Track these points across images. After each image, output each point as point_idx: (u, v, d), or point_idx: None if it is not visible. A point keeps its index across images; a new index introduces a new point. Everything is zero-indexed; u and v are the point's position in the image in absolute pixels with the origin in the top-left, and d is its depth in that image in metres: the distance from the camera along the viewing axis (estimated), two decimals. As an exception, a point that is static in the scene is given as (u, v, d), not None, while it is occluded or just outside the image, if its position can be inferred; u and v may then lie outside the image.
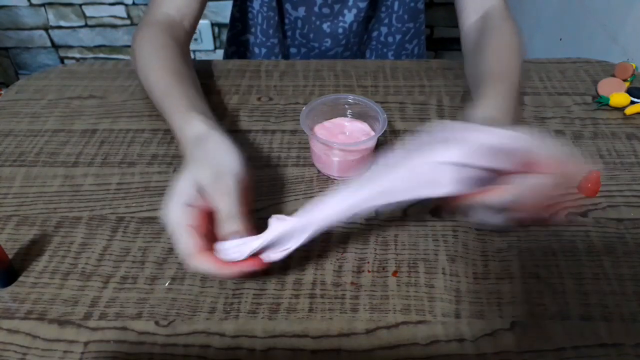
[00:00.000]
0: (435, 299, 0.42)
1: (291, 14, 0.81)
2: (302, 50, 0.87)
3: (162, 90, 0.53)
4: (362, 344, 0.39)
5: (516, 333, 0.40)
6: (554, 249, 0.46)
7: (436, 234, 0.48)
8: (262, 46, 0.85)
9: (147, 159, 0.56)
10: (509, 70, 0.54)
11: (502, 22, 0.61)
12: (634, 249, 0.46)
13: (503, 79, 0.52)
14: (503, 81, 0.52)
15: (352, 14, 0.80)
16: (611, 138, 0.58)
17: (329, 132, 0.54)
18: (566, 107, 0.63)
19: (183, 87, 0.53)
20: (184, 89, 0.52)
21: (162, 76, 0.54)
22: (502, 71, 0.54)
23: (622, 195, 0.51)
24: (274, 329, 0.40)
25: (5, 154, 0.57)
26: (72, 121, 0.62)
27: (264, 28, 0.82)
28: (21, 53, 1.80)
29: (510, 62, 0.56)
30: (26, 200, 0.52)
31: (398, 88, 0.67)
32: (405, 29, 0.84)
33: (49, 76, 0.70)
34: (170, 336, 0.40)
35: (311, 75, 0.69)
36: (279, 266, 0.45)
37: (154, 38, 0.59)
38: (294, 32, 0.84)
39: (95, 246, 0.47)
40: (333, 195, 0.40)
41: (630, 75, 0.64)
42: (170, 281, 0.44)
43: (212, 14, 1.68)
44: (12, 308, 0.42)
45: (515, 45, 0.58)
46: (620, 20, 0.94)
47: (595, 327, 0.40)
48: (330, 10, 0.80)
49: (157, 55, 0.57)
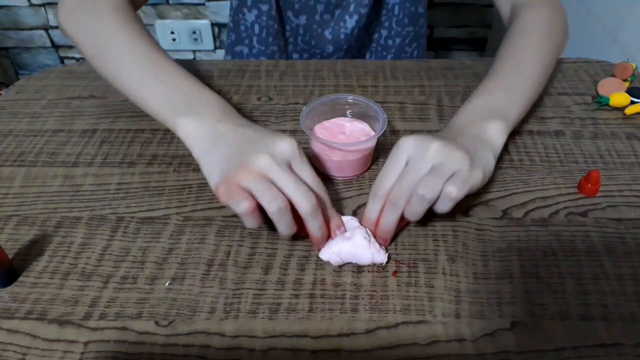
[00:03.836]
0: (435, 299, 0.42)
1: (292, 22, 0.82)
2: (304, 56, 0.87)
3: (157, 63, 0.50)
4: (362, 344, 0.39)
5: (516, 333, 0.40)
6: (554, 249, 0.46)
7: (436, 234, 0.48)
8: (261, 55, 0.85)
9: (147, 159, 0.56)
10: (514, 61, 0.55)
11: (528, 9, 0.61)
12: (634, 249, 0.46)
13: (504, 72, 0.54)
14: (490, 79, 0.54)
15: (354, 19, 0.80)
16: (611, 138, 0.58)
17: (329, 132, 0.54)
18: (566, 107, 0.63)
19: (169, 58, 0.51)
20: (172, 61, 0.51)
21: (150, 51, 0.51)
22: (495, 68, 0.55)
23: (622, 195, 0.51)
24: (274, 329, 0.40)
25: (5, 154, 0.57)
26: (72, 121, 0.62)
27: (262, 37, 0.82)
28: (21, 53, 1.80)
29: (521, 51, 0.56)
30: (26, 200, 0.52)
31: (398, 88, 0.67)
32: (405, 33, 0.84)
33: (49, 76, 0.70)
34: (170, 336, 0.40)
35: (311, 75, 0.69)
36: (279, 266, 0.45)
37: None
38: (295, 39, 0.84)
39: (95, 246, 0.47)
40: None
41: (630, 75, 0.64)
42: (170, 281, 0.44)
43: (212, 14, 1.68)
44: (12, 308, 0.42)
45: (535, 31, 0.58)
46: (620, 20, 0.94)
47: (595, 327, 0.40)
48: (331, 16, 0.80)
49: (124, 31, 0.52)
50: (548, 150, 0.57)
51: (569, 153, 0.56)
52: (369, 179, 0.54)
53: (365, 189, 0.52)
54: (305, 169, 0.43)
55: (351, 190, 0.52)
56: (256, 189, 0.41)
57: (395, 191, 0.43)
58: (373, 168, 0.55)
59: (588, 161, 0.55)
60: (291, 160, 0.43)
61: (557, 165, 0.55)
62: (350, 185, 0.53)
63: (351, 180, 0.53)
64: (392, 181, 0.43)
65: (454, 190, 0.41)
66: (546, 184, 0.53)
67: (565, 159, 0.56)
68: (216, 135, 0.45)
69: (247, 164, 0.41)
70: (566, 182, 0.53)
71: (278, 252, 0.46)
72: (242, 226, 0.48)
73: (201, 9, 1.67)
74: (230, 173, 0.41)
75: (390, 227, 0.44)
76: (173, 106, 0.48)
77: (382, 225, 0.44)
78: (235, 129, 0.45)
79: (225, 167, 0.42)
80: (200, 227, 0.49)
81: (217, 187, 0.42)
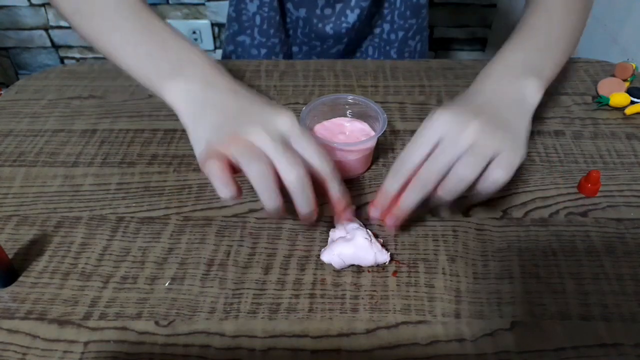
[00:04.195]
0: (435, 299, 0.42)
1: (293, 14, 0.81)
2: (304, 49, 0.87)
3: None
4: (362, 344, 0.39)
5: (516, 333, 0.40)
6: (554, 249, 0.46)
7: (436, 234, 0.48)
8: (262, 47, 0.84)
9: (147, 159, 0.56)
10: (530, 28, 0.52)
11: None
12: (634, 249, 0.46)
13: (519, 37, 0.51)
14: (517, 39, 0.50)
15: (355, 13, 0.79)
16: (611, 138, 0.58)
17: (329, 132, 0.54)
18: (566, 107, 0.63)
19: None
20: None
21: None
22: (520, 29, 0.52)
23: (622, 195, 0.51)
24: (274, 329, 0.40)
25: (5, 154, 0.57)
26: (72, 121, 0.62)
27: (263, 28, 0.82)
28: (21, 53, 1.80)
29: (535, 21, 0.53)
30: (26, 200, 0.52)
31: (398, 88, 0.67)
32: (407, 26, 0.84)
33: (49, 76, 0.70)
34: (170, 336, 0.40)
35: (311, 75, 0.69)
36: (279, 266, 0.45)
37: None
38: (295, 31, 0.84)
39: (95, 246, 0.47)
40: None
41: (630, 75, 0.64)
42: (170, 281, 0.44)
43: (212, 14, 1.68)
44: (12, 308, 0.42)
45: (549, 4, 0.54)
46: (620, 20, 0.94)
47: (595, 327, 0.40)
48: (332, 10, 0.79)
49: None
50: (548, 150, 0.57)
51: (569, 153, 0.56)
52: (369, 179, 0.54)
53: (365, 189, 0.52)
54: (305, 144, 0.39)
55: (351, 190, 0.52)
56: (240, 154, 0.36)
57: (427, 170, 0.39)
58: (373, 168, 0.55)
59: (588, 161, 0.55)
60: (289, 136, 0.38)
61: (557, 165, 0.55)
62: (350, 185, 0.53)
63: (351, 180, 0.53)
64: (420, 158, 0.39)
65: (501, 175, 0.38)
66: (546, 184, 0.53)
67: (565, 159, 0.56)
68: (205, 100, 0.41)
69: (238, 134, 0.37)
70: (566, 182, 0.53)
71: (278, 252, 0.46)
72: (242, 226, 0.48)
73: (201, 9, 1.67)
74: (217, 142, 0.38)
75: (412, 206, 0.40)
76: (158, 69, 0.43)
77: (403, 204, 0.41)
78: (226, 95, 0.41)
79: (213, 137, 0.39)
80: (200, 227, 0.49)
81: (200, 156, 0.39)
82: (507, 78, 0.46)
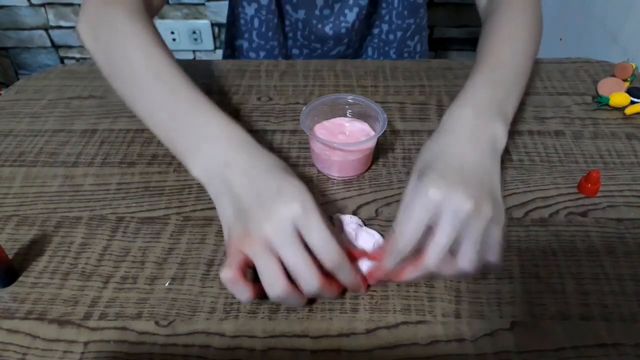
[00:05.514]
0: (435, 299, 0.42)
1: (292, 16, 0.81)
2: (304, 52, 0.87)
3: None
4: (362, 344, 0.39)
5: (516, 333, 0.40)
6: (554, 249, 0.46)
7: (436, 234, 0.48)
8: (261, 50, 0.84)
9: (147, 159, 0.56)
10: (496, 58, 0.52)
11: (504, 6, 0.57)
12: (634, 249, 0.46)
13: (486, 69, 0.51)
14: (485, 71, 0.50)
15: (354, 12, 0.80)
16: (611, 138, 0.58)
17: (329, 132, 0.54)
18: (566, 107, 0.63)
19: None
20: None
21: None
22: (486, 60, 0.52)
23: (622, 195, 0.51)
24: (274, 329, 0.40)
25: (5, 154, 0.57)
26: (72, 121, 0.62)
27: (262, 32, 0.82)
28: (21, 53, 1.80)
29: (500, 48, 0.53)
30: (26, 200, 0.52)
31: (398, 88, 0.67)
32: (405, 26, 0.84)
33: (49, 76, 0.70)
34: (170, 336, 0.40)
35: (311, 75, 0.69)
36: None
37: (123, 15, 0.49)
38: (295, 34, 0.84)
39: (95, 246, 0.47)
40: None
41: (630, 75, 0.64)
42: (170, 281, 0.44)
43: (212, 14, 1.68)
44: (12, 308, 0.42)
45: (511, 30, 0.54)
46: (620, 20, 0.94)
47: (595, 327, 0.40)
48: (331, 10, 0.80)
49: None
50: (548, 150, 0.57)
51: (569, 153, 0.56)
52: (369, 179, 0.54)
53: (365, 189, 0.52)
54: (315, 234, 0.38)
55: (351, 190, 0.52)
56: (253, 254, 0.38)
57: (432, 258, 0.39)
58: (373, 168, 0.55)
59: (588, 161, 0.55)
60: (301, 227, 0.38)
61: (557, 165, 0.55)
62: (350, 185, 0.53)
63: (351, 180, 0.53)
64: (417, 237, 0.39)
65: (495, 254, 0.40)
66: (546, 184, 0.53)
67: (565, 159, 0.56)
68: (223, 181, 0.42)
69: (251, 233, 0.39)
70: (566, 182, 0.53)
71: (278, 252, 0.46)
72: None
73: (201, 9, 1.67)
74: (235, 239, 0.39)
75: (413, 281, 0.42)
76: (182, 144, 0.45)
77: (406, 279, 0.41)
78: (241, 180, 0.41)
79: (232, 229, 0.40)
80: (200, 227, 0.49)
81: (225, 243, 0.41)
82: (479, 125, 0.46)
